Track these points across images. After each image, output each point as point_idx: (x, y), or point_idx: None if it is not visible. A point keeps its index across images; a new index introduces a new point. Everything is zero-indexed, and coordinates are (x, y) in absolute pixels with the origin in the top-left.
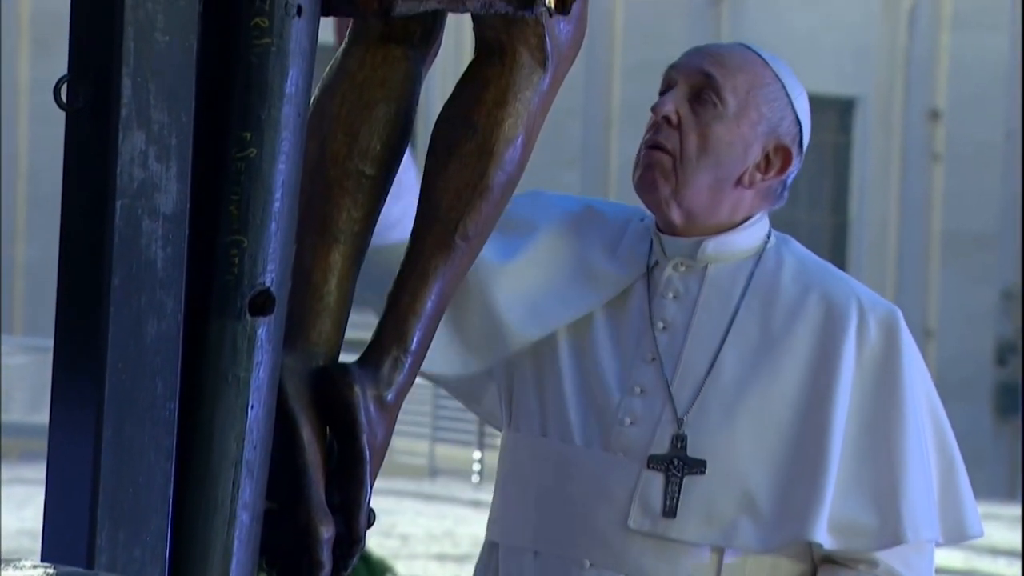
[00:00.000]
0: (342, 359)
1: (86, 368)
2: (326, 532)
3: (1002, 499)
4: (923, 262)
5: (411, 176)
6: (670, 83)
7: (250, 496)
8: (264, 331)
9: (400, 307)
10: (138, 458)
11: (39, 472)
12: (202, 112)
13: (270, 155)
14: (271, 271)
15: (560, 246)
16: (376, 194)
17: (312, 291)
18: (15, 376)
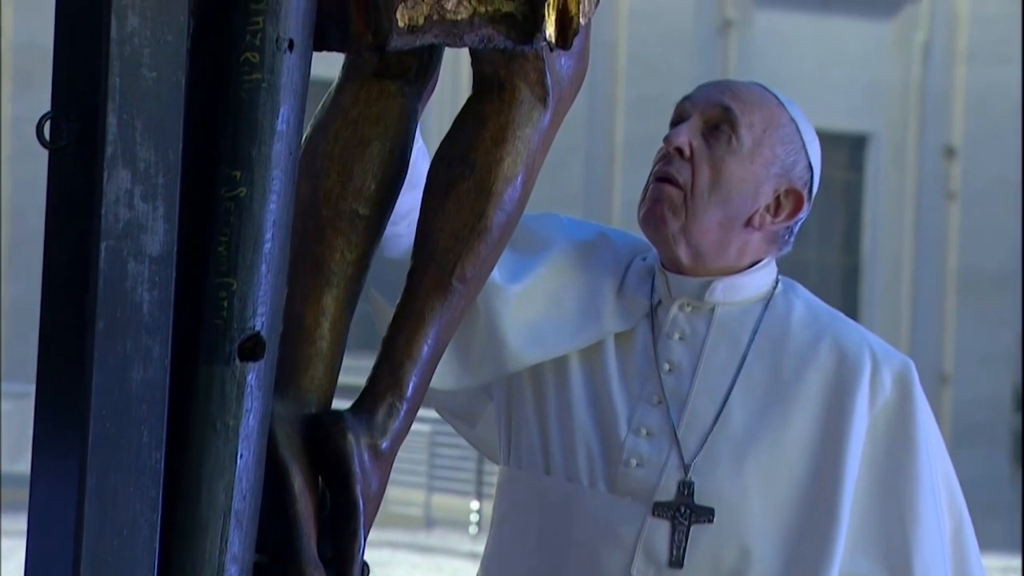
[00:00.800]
0: (335, 406)
1: (69, 416)
2: None
3: (1019, 550)
4: (938, 304)
5: (424, 166)
6: (683, 115)
7: (239, 548)
8: (254, 377)
9: (395, 351)
10: (123, 509)
11: (21, 523)
12: (190, 150)
13: (260, 194)
14: (261, 315)
15: (570, 273)
16: (371, 235)
17: (304, 335)
18: None
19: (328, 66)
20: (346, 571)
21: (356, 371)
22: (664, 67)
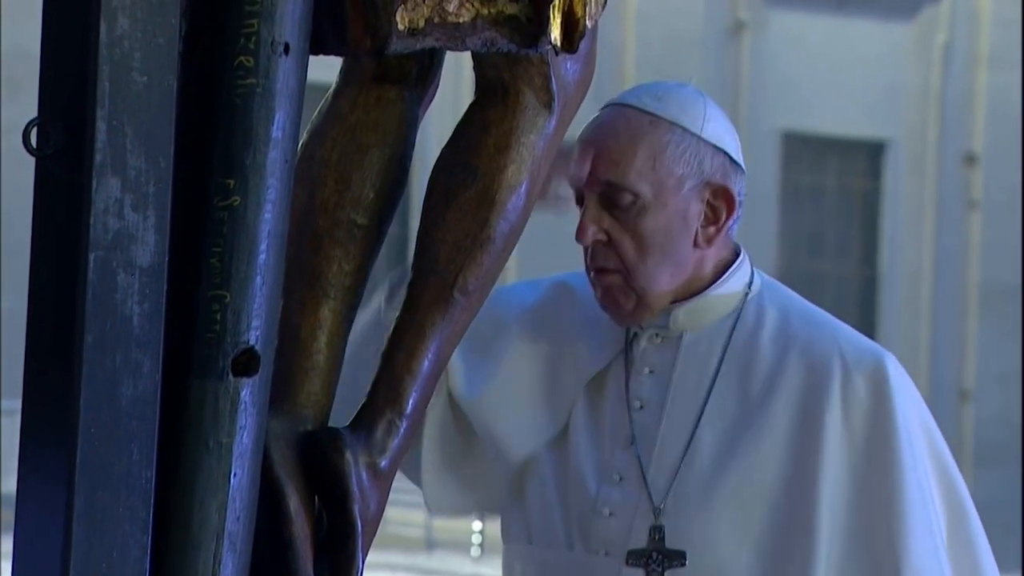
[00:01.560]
0: (332, 422)
1: (56, 433)
2: None
3: None
4: (959, 317)
5: None
6: (578, 194)
7: (232, 571)
8: (248, 393)
9: (395, 366)
10: (112, 530)
11: (6, 545)
12: (182, 157)
13: (255, 203)
14: (256, 328)
15: (534, 349)
16: (369, 245)
17: (300, 349)
18: None
19: (325, 70)
20: None
21: None
22: (673, 71)
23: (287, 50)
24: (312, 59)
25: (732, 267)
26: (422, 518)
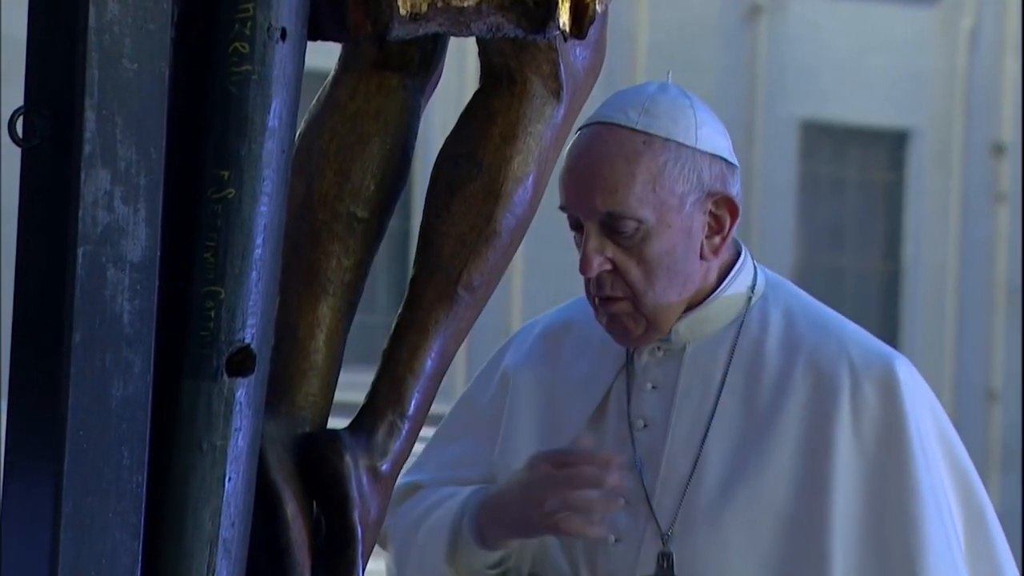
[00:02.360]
0: (331, 425)
1: (44, 435)
2: None
3: None
4: (986, 314)
5: None
6: (575, 221)
7: None
8: (243, 394)
9: (397, 366)
10: (101, 537)
11: None
12: (174, 148)
13: (250, 196)
14: (251, 326)
15: (541, 397)
16: (369, 239)
17: (298, 348)
18: None
19: (324, 56)
20: None
21: (354, 387)
22: (687, 58)
23: (284, 36)
24: (310, 45)
25: (734, 269)
26: None
